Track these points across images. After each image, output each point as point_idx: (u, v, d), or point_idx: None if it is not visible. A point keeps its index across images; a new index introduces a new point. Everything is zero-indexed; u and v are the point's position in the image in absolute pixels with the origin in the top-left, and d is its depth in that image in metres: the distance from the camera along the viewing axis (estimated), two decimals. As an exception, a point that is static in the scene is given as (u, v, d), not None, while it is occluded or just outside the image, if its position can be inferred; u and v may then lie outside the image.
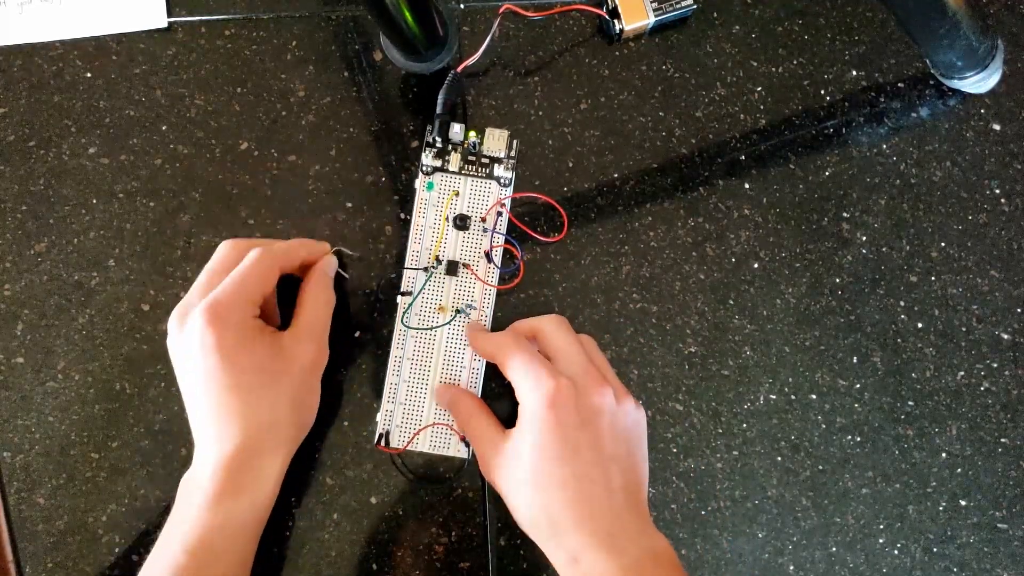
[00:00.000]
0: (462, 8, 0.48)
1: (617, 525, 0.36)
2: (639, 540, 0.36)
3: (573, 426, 0.36)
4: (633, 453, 0.39)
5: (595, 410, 0.37)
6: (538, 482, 0.36)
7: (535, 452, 0.36)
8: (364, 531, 0.43)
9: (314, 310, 0.41)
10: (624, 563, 0.35)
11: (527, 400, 0.37)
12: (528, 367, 0.38)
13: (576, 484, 0.36)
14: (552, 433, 0.36)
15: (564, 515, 0.36)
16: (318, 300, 0.41)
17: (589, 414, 0.37)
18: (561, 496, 0.36)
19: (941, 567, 0.44)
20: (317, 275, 0.42)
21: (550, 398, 0.36)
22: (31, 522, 0.43)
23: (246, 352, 0.37)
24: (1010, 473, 0.44)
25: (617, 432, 0.38)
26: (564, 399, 0.37)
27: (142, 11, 0.48)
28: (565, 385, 0.37)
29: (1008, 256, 0.46)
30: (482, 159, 0.45)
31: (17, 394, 0.44)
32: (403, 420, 0.44)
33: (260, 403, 0.38)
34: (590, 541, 0.35)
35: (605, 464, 0.37)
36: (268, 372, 0.38)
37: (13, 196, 0.46)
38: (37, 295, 0.45)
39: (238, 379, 0.37)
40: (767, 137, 0.47)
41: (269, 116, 0.47)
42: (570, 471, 0.36)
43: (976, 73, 0.45)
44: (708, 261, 0.46)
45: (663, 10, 0.46)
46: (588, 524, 0.36)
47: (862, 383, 0.45)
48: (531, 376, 0.37)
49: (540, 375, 0.37)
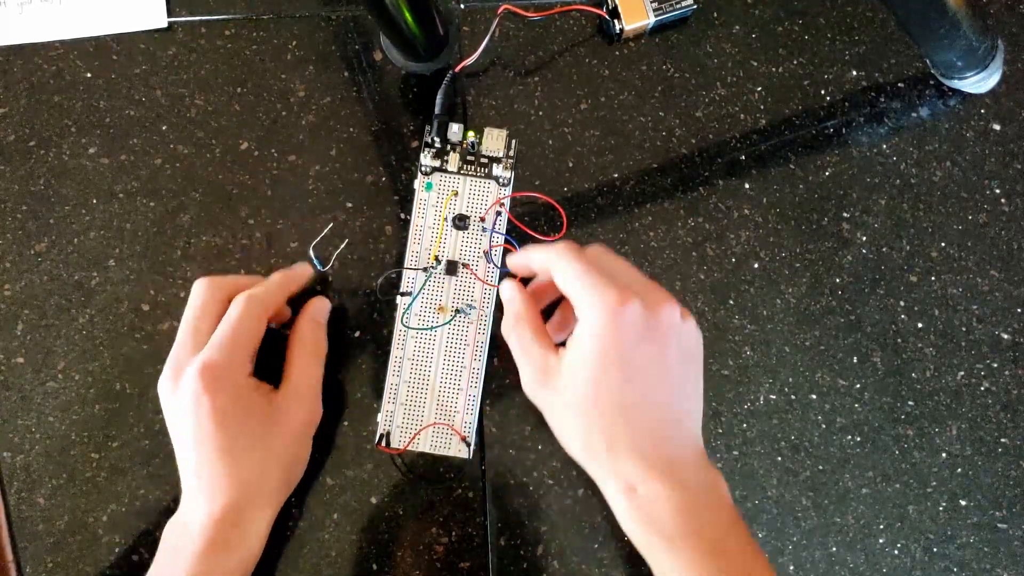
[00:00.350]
0: (462, 8, 0.48)
1: (678, 455, 0.34)
2: (698, 474, 0.34)
3: (639, 341, 0.34)
4: (698, 377, 0.36)
5: (663, 326, 0.34)
6: (597, 401, 0.33)
7: (595, 368, 0.33)
8: (364, 531, 0.43)
9: (305, 368, 0.41)
10: (684, 497, 0.33)
11: (588, 312, 0.34)
12: (589, 276, 0.34)
13: (640, 406, 0.33)
14: (616, 348, 0.33)
15: (623, 439, 0.33)
16: (309, 355, 0.41)
17: (656, 330, 0.34)
18: (622, 417, 0.33)
19: (941, 567, 0.44)
20: (307, 326, 0.42)
21: (615, 310, 0.33)
22: (31, 522, 0.43)
23: (240, 416, 0.38)
24: (1010, 473, 0.44)
25: (683, 352, 0.35)
26: (630, 312, 0.33)
27: (142, 11, 0.48)
28: (632, 297, 0.34)
29: (1008, 256, 0.46)
30: (481, 159, 0.45)
31: (17, 394, 0.44)
32: (404, 420, 0.44)
33: (251, 464, 0.38)
34: (650, 470, 0.33)
35: (671, 386, 0.34)
36: (260, 434, 0.38)
37: (13, 196, 0.46)
38: (37, 295, 0.45)
39: (231, 442, 0.37)
40: (767, 137, 0.47)
41: (269, 116, 0.47)
42: (633, 390, 0.33)
43: (976, 73, 0.45)
44: (708, 261, 0.46)
45: (663, 10, 0.46)
46: (650, 451, 0.33)
47: (862, 383, 0.45)
48: (595, 286, 0.34)
49: (605, 285, 0.34)
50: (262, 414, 0.38)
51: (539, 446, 0.44)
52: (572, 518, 0.43)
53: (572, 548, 0.43)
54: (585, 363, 0.34)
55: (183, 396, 0.37)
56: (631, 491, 0.34)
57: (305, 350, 0.41)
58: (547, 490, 0.44)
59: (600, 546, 0.43)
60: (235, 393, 0.38)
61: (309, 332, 0.42)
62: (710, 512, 0.34)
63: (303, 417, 0.40)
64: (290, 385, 0.40)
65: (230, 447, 0.37)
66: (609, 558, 0.43)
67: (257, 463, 0.38)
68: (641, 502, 0.33)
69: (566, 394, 0.35)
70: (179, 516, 0.38)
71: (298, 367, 0.41)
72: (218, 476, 0.37)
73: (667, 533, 0.33)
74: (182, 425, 0.38)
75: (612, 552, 0.43)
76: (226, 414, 0.37)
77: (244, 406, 0.38)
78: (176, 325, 0.44)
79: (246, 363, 0.39)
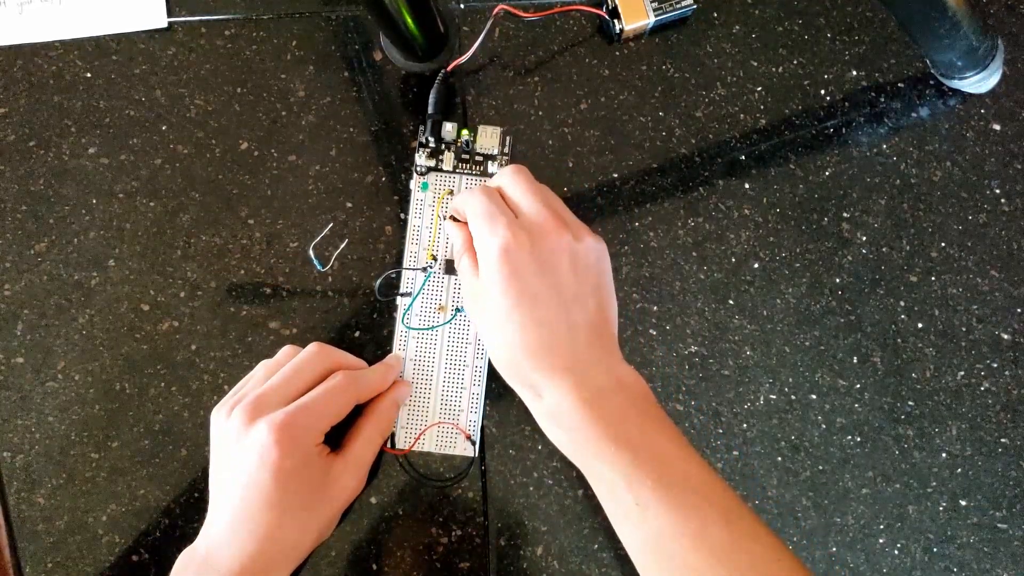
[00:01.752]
0: (462, 8, 0.48)
1: (577, 360, 0.37)
2: (602, 372, 0.37)
3: (531, 273, 0.37)
4: (599, 288, 0.39)
5: (552, 253, 0.38)
6: (501, 326, 0.37)
7: (496, 299, 0.37)
8: (364, 531, 0.43)
9: (370, 443, 0.41)
10: (584, 395, 0.35)
11: (483, 250, 0.38)
12: (483, 217, 0.38)
13: (536, 328, 0.37)
14: (510, 281, 0.37)
15: (524, 356, 0.37)
16: (379, 433, 0.42)
17: (547, 257, 0.37)
18: (522, 339, 0.37)
19: (941, 567, 0.44)
20: (388, 405, 0.42)
21: (504, 247, 0.37)
22: (31, 522, 0.43)
23: (298, 478, 0.37)
24: (1010, 473, 0.44)
25: (579, 271, 0.38)
26: (519, 246, 0.37)
27: (142, 11, 0.48)
28: (519, 233, 0.37)
29: (1008, 256, 0.46)
30: (476, 157, 0.45)
31: (17, 394, 0.44)
32: (408, 421, 0.44)
33: (294, 524, 0.38)
34: (549, 376, 0.36)
35: (567, 306, 0.37)
36: (310, 499, 0.38)
37: (13, 196, 0.46)
38: (37, 295, 0.45)
39: (282, 499, 0.37)
40: (767, 137, 0.47)
41: (269, 116, 0.47)
42: (529, 316, 0.37)
43: (976, 73, 0.45)
44: (708, 261, 0.46)
45: (663, 10, 0.46)
46: (547, 361, 0.36)
47: (862, 383, 0.45)
48: (486, 226, 0.38)
49: (495, 225, 0.38)
50: (318, 480, 0.38)
51: (539, 446, 0.44)
52: (572, 518, 0.43)
53: (572, 548, 0.43)
54: (489, 293, 0.38)
55: (252, 439, 0.37)
56: (537, 398, 0.37)
57: (377, 427, 0.41)
58: (547, 490, 0.44)
59: (600, 546, 0.43)
60: (302, 457, 0.38)
61: (387, 411, 0.42)
62: (613, 401, 0.36)
63: (353, 488, 0.40)
64: (351, 455, 0.40)
65: (279, 503, 0.37)
66: (609, 558, 0.43)
67: (299, 525, 0.38)
68: (546, 403, 0.36)
69: (484, 317, 0.39)
70: (199, 550, 0.38)
71: (364, 440, 0.41)
72: (259, 528, 0.37)
73: (568, 425, 0.36)
74: (237, 466, 0.38)
75: (612, 552, 0.43)
76: (287, 472, 0.37)
77: (305, 470, 0.38)
78: (175, 325, 0.45)
79: (321, 434, 0.39)
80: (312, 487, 0.38)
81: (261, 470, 0.37)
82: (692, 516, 0.33)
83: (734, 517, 0.34)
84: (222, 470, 0.39)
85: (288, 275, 0.45)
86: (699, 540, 0.33)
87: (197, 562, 0.37)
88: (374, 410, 0.42)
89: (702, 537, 0.33)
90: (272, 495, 0.37)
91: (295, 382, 0.39)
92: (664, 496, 0.33)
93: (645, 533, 0.34)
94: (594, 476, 0.36)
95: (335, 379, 0.40)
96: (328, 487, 0.39)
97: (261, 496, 0.37)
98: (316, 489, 0.38)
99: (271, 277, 0.45)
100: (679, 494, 0.34)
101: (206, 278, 0.45)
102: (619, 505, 0.35)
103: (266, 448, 0.37)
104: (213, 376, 0.44)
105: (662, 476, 0.34)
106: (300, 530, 0.38)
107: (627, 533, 0.35)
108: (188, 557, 0.38)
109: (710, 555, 0.33)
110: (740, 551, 0.33)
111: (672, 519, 0.33)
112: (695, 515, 0.33)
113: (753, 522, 0.34)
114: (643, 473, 0.34)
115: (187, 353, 0.45)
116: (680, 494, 0.34)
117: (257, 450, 0.37)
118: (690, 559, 0.33)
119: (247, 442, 0.37)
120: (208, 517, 0.39)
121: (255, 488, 0.37)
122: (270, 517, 0.37)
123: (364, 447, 0.41)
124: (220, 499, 0.38)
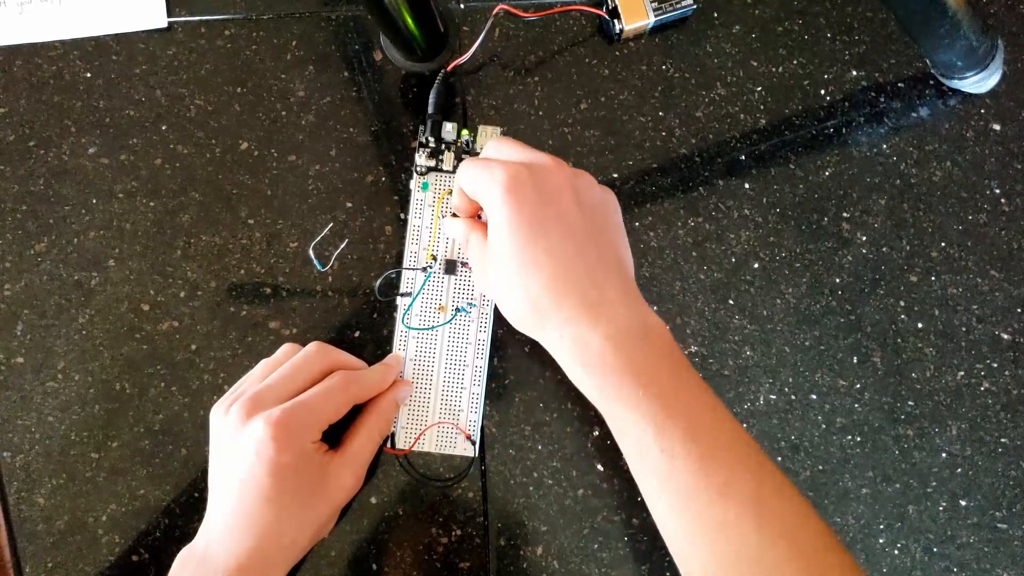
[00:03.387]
0: (462, 8, 0.48)
1: (599, 296, 0.35)
2: (625, 312, 0.36)
3: (536, 204, 0.36)
4: (607, 229, 0.38)
5: (555, 185, 0.36)
6: (517, 271, 0.36)
7: (507, 242, 0.36)
8: (364, 531, 0.43)
9: (368, 441, 0.41)
10: (608, 331, 0.34)
11: (487, 200, 0.37)
12: (479, 167, 0.37)
13: (551, 260, 0.35)
14: (517, 216, 0.35)
15: (544, 296, 0.35)
16: (378, 431, 0.42)
17: (550, 190, 0.36)
18: (538, 277, 0.35)
19: (941, 567, 0.44)
20: (388, 404, 0.42)
21: (506, 183, 0.36)
22: (31, 522, 0.43)
23: (295, 474, 0.37)
24: (1010, 473, 0.44)
25: (584, 207, 0.37)
26: (521, 181, 0.36)
27: (142, 11, 0.48)
28: (518, 168, 0.36)
29: (1008, 256, 0.46)
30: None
31: (17, 394, 0.44)
32: (408, 421, 0.44)
33: (290, 520, 0.38)
34: (571, 314, 0.35)
35: (578, 238, 0.36)
36: (308, 495, 0.38)
37: (13, 196, 0.46)
38: (37, 295, 0.45)
39: (279, 495, 0.37)
40: (767, 137, 0.47)
41: (269, 116, 0.47)
42: (542, 248, 0.35)
43: (976, 73, 0.45)
44: (708, 261, 0.46)
45: (663, 10, 0.46)
46: (568, 299, 0.35)
47: (862, 383, 0.45)
48: (484, 173, 0.37)
49: (491, 168, 0.36)
50: (316, 477, 0.38)
51: (539, 446, 0.44)
52: (572, 518, 0.43)
53: (572, 548, 0.43)
54: (499, 242, 0.36)
55: (249, 436, 0.37)
56: (561, 339, 0.35)
57: (377, 426, 0.41)
58: (547, 490, 0.44)
59: (600, 546, 0.43)
60: (298, 453, 0.38)
61: (386, 410, 0.42)
62: (640, 344, 0.35)
63: (351, 486, 0.40)
64: (350, 452, 0.40)
65: (276, 499, 0.37)
66: (609, 558, 0.43)
67: (296, 521, 0.38)
68: (568, 343, 0.35)
69: (498, 273, 0.37)
70: (197, 547, 0.38)
71: (363, 438, 0.41)
72: (255, 524, 0.37)
73: (594, 366, 0.34)
74: (235, 462, 0.38)
75: (612, 552, 0.43)
76: (284, 468, 0.37)
77: (303, 466, 0.38)
78: (175, 325, 0.45)
79: (318, 432, 0.39)
80: (309, 484, 0.38)
81: (257, 466, 0.37)
82: (720, 468, 0.32)
83: (763, 473, 0.33)
84: (220, 467, 0.39)
85: (288, 275, 0.45)
86: (726, 494, 0.32)
87: (195, 559, 0.37)
88: (374, 409, 0.42)
89: (729, 490, 0.32)
90: (269, 491, 0.37)
91: (293, 380, 0.40)
92: (693, 447, 0.32)
93: (671, 484, 0.33)
94: (619, 423, 0.35)
95: (333, 378, 0.40)
96: (326, 484, 0.39)
97: (258, 492, 0.37)
98: (313, 486, 0.38)
99: (271, 277, 0.45)
100: (709, 445, 0.33)
101: (206, 278, 0.45)
102: (644, 454, 0.34)
103: (262, 444, 0.37)
104: (213, 376, 0.44)
105: (691, 425, 0.33)
106: (297, 527, 0.38)
107: (649, 484, 0.34)
108: (187, 555, 0.38)
109: (737, 507, 0.32)
110: (767, 507, 0.32)
111: (700, 471, 0.32)
112: (723, 468, 0.32)
113: (779, 478, 0.33)
114: (672, 423, 0.33)
115: (187, 353, 0.45)
116: (709, 445, 0.33)
117: (254, 446, 0.37)
118: (716, 512, 0.32)
119: (244, 438, 0.37)
120: (207, 514, 0.39)
121: (252, 484, 0.37)
122: (267, 513, 0.37)
123: (363, 445, 0.41)
124: (218, 496, 0.38)
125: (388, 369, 0.43)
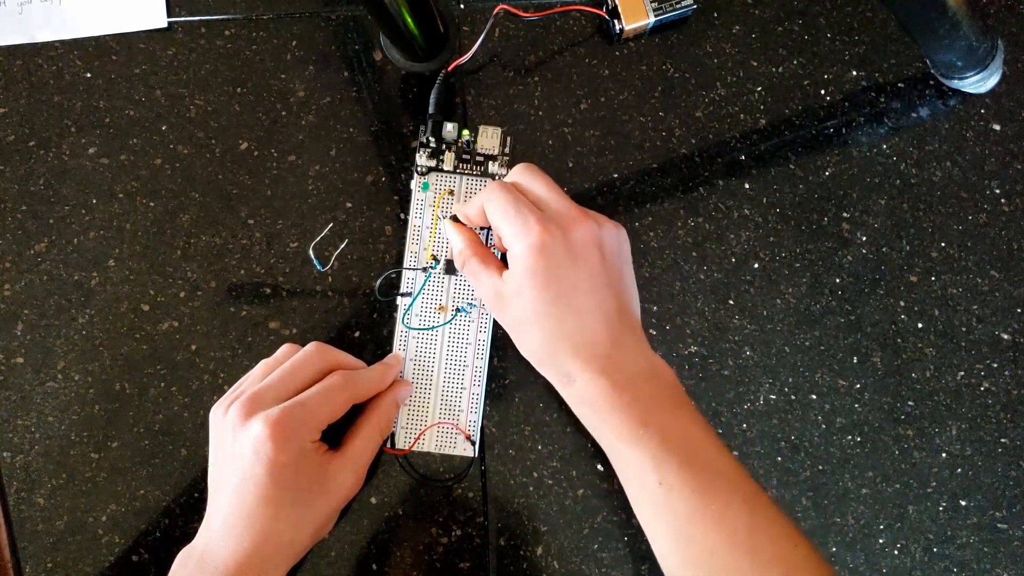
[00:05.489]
0: (462, 8, 0.48)
1: (614, 347, 0.37)
2: (635, 360, 0.38)
3: (564, 264, 0.37)
4: (625, 274, 0.40)
5: (584, 244, 0.38)
6: (539, 321, 0.38)
7: (531, 295, 0.37)
8: (364, 531, 0.43)
9: (369, 441, 0.41)
10: (619, 380, 0.36)
11: (515, 246, 0.38)
12: (511, 214, 0.38)
13: (573, 316, 0.37)
14: (548, 275, 0.37)
15: (561, 345, 0.37)
16: (379, 431, 0.42)
17: (578, 248, 0.38)
18: (562, 330, 0.37)
19: (941, 567, 0.44)
20: (388, 404, 0.42)
21: (539, 243, 0.37)
22: (31, 522, 0.43)
23: (294, 473, 0.37)
24: (1010, 473, 0.44)
25: (607, 259, 0.39)
26: (553, 241, 0.37)
27: (142, 11, 0.48)
28: (551, 227, 0.38)
29: (1008, 256, 0.46)
30: (476, 157, 0.45)
31: (17, 394, 0.44)
32: (408, 421, 0.44)
33: (289, 520, 0.38)
34: (586, 363, 0.37)
35: (601, 294, 0.38)
36: (307, 494, 0.38)
37: (13, 196, 0.46)
38: (37, 295, 0.45)
39: (278, 494, 0.37)
40: (767, 137, 0.47)
41: (269, 116, 0.47)
42: (568, 308, 0.37)
43: (976, 73, 0.45)
44: (708, 261, 0.46)
45: (663, 10, 0.46)
46: (586, 350, 0.37)
47: (862, 383, 0.45)
48: (517, 223, 0.38)
49: (527, 221, 0.38)
50: (315, 475, 0.38)
51: (539, 446, 0.44)
52: (572, 518, 0.43)
53: (572, 548, 0.43)
54: (522, 291, 0.38)
55: (248, 435, 0.37)
56: (569, 381, 0.37)
57: (378, 425, 0.41)
58: (547, 490, 0.44)
59: (600, 546, 0.43)
60: (297, 452, 0.38)
61: (386, 410, 0.42)
62: (644, 389, 0.37)
63: (350, 486, 0.40)
64: (350, 453, 0.40)
65: (275, 498, 0.37)
66: (609, 558, 0.43)
67: (295, 521, 0.38)
68: (579, 388, 0.37)
69: (515, 315, 0.39)
70: (197, 547, 0.38)
71: (364, 438, 0.41)
72: (254, 523, 0.37)
73: (599, 408, 0.37)
74: (234, 462, 0.38)
75: (612, 552, 0.43)
76: (282, 467, 0.37)
77: (302, 465, 0.38)
78: (175, 325, 0.45)
79: (317, 431, 0.39)
80: (308, 483, 0.38)
81: (256, 465, 0.37)
82: (715, 498, 0.34)
83: (757, 503, 0.35)
84: (219, 466, 0.39)
85: (288, 275, 0.45)
86: (721, 522, 0.34)
87: (195, 559, 0.37)
88: (374, 409, 0.42)
89: (724, 519, 0.34)
90: (267, 490, 0.37)
91: (292, 380, 0.40)
92: (689, 478, 0.34)
93: (668, 514, 0.35)
94: (620, 457, 0.37)
95: (332, 378, 0.40)
96: (325, 484, 0.39)
97: (257, 491, 0.37)
98: (312, 485, 0.38)
99: (271, 277, 0.45)
100: (704, 477, 0.34)
101: (206, 278, 0.45)
102: (643, 486, 0.35)
103: (261, 443, 0.37)
104: (213, 376, 0.44)
105: (688, 458, 0.35)
106: (296, 526, 0.38)
107: (649, 515, 0.36)
108: (186, 555, 0.38)
109: (731, 537, 0.33)
110: (761, 535, 0.34)
111: (696, 501, 0.34)
112: (718, 498, 0.34)
113: (773, 509, 0.35)
114: (670, 454, 0.35)
115: (187, 353, 0.45)
116: (705, 477, 0.34)
117: (252, 445, 0.37)
118: (710, 541, 0.33)
119: (243, 438, 0.37)
120: (206, 514, 0.39)
121: (251, 483, 0.37)
122: (266, 512, 0.37)
123: (363, 445, 0.41)
124: (217, 495, 0.38)
125: (388, 369, 0.43)
